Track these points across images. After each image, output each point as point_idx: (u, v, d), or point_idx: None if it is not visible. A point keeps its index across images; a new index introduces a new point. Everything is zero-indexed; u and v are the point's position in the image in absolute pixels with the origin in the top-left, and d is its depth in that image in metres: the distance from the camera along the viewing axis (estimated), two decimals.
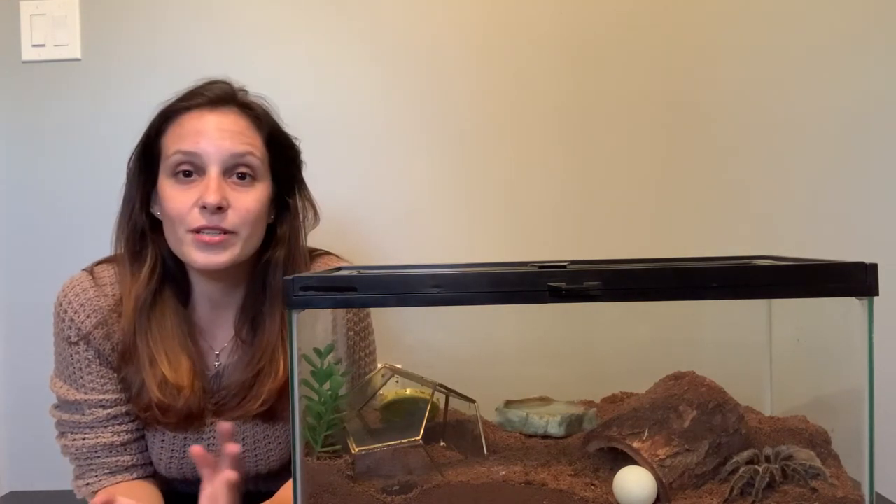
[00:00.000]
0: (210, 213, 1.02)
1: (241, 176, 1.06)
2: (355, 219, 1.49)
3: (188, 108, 1.06)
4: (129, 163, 1.11)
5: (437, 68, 1.49)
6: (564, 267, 0.83)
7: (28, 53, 1.51)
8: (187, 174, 1.04)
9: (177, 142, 1.05)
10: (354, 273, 1.01)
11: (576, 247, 1.48)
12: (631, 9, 1.47)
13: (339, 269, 1.08)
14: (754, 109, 1.47)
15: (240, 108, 1.08)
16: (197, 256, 1.04)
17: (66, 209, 1.51)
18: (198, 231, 1.03)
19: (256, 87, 1.13)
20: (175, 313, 1.10)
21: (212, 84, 1.09)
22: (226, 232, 1.04)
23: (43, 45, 1.50)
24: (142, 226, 1.10)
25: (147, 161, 1.09)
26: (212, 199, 1.01)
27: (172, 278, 1.11)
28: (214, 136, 1.04)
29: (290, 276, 0.81)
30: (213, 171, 1.03)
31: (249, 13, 1.50)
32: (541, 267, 0.83)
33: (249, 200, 1.06)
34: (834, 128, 1.46)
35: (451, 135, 1.49)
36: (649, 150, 1.48)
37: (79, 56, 1.50)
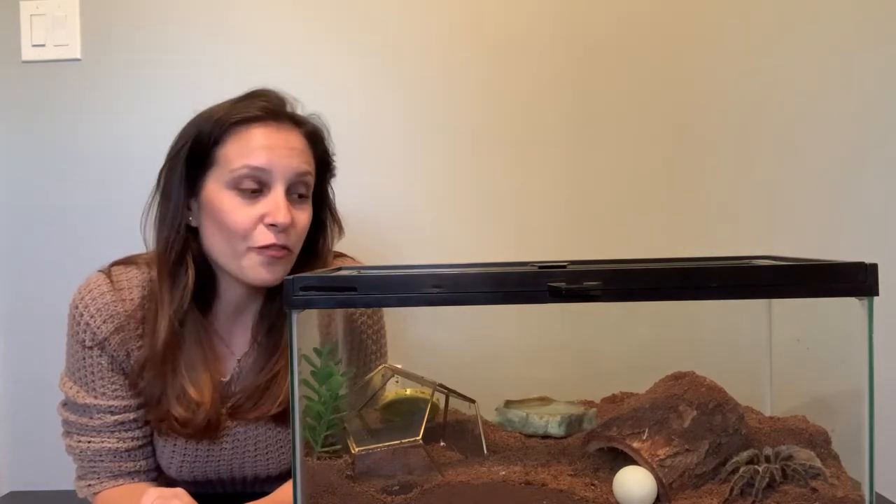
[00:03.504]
0: (278, 232, 1.02)
1: (299, 194, 1.07)
2: (356, 219, 1.48)
3: (252, 121, 1.04)
4: (166, 171, 1.07)
5: (440, 69, 1.49)
6: (564, 267, 0.83)
7: (28, 53, 1.51)
8: (251, 188, 1.03)
9: (244, 156, 1.03)
10: (354, 273, 1.01)
11: (576, 247, 1.48)
12: (636, 12, 1.47)
13: (339, 269, 1.08)
14: (755, 111, 1.47)
15: (299, 126, 1.09)
16: (258, 273, 1.04)
17: (66, 209, 1.51)
18: (262, 249, 1.03)
19: (254, 86, 1.12)
20: (195, 324, 1.08)
21: (267, 95, 1.08)
22: (286, 249, 1.04)
23: (43, 45, 1.50)
24: (187, 237, 1.07)
25: (193, 170, 1.06)
26: (283, 218, 1.02)
27: (199, 288, 1.09)
28: (284, 153, 1.04)
29: (290, 276, 0.81)
30: (280, 189, 1.03)
31: (251, 12, 1.50)
32: (541, 267, 0.83)
33: (305, 218, 1.08)
34: (834, 128, 1.46)
35: (451, 135, 1.49)
36: (649, 150, 1.48)
37: (79, 56, 1.50)
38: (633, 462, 0.85)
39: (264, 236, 1.03)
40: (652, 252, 1.17)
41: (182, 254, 1.07)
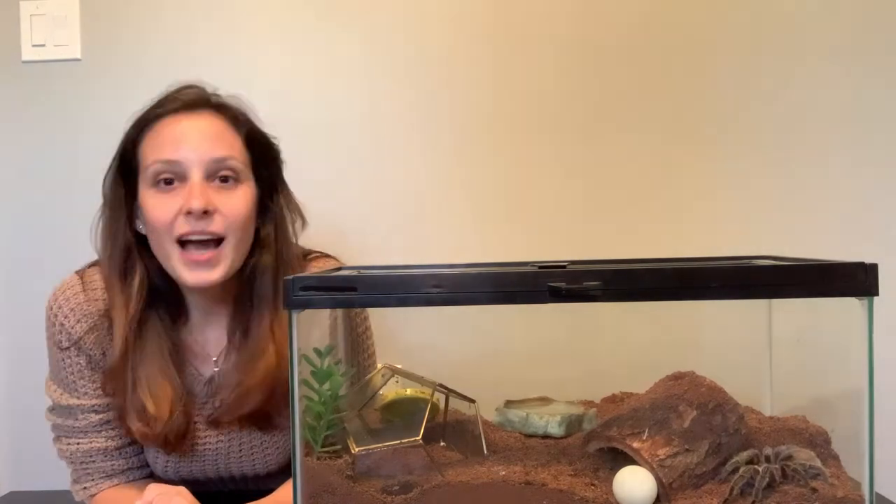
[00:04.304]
0: (196, 220, 0.99)
1: (224, 179, 1.03)
2: (355, 219, 1.49)
3: (163, 115, 1.03)
4: (105, 180, 1.07)
5: (438, 68, 1.49)
6: (564, 267, 0.83)
7: (28, 53, 1.50)
8: (168, 182, 1.01)
9: (155, 151, 1.02)
10: (354, 273, 1.01)
11: (576, 247, 1.48)
12: (633, 9, 1.47)
13: (339, 269, 1.08)
14: (755, 109, 1.47)
15: (215, 110, 1.05)
16: (187, 276, 1.01)
17: (65, 209, 1.51)
18: (184, 242, 1.00)
19: (255, 87, 1.13)
20: (159, 335, 1.06)
21: (184, 88, 1.06)
22: (215, 238, 1.01)
23: (43, 45, 1.50)
24: (128, 244, 1.06)
25: (126, 175, 1.06)
26: (196, 203, 0.98)
27: (160, 294, 1.07)
28: (193, 141, 1.01)
29: (291, 276, 0.80)
30: (196, 177, 1.00)
31: (248, 13, 1.50)
32: (541, 267, 0.83)
33: (235, 202, 1.03)
34: (835, 128, 1.46)
35: (451, 135, 1.49)
36: (649, 149, 1.48)
37: (79, 56, 1.50)
38: (633, 462, 0.85)
39: (181, 225, 1.00)
40: (652, 252, 1.17)
41: (125, 261, 1.06)
